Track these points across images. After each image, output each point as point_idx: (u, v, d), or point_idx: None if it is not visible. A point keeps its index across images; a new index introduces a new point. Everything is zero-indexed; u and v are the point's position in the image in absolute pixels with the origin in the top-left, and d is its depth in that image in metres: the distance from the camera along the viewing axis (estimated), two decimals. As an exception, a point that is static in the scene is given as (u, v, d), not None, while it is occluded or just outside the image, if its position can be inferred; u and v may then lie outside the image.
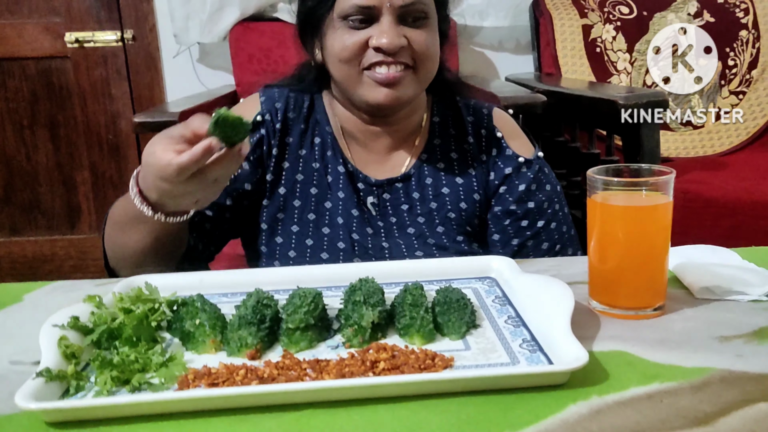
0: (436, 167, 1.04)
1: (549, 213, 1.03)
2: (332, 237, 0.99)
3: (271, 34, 2.30)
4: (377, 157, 1.04)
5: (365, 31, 0.93)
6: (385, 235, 1.00)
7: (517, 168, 1.03)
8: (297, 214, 1.00)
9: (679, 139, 2.23)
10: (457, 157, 1.04)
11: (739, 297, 0.72)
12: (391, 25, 0.92)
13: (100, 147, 2.56)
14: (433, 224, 1.01)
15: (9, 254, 2.65)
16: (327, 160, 1.02)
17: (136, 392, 0.55)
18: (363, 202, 1.01)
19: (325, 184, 1.01)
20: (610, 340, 0.63)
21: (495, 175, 1.03)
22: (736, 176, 1.90)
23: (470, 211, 1.02)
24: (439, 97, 1.08)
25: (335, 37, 0.94)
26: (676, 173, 0.69)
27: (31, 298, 0.80)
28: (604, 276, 0.71)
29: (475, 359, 0.60)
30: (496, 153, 1.04)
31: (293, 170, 1.02)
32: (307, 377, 0.57)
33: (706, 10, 2.27)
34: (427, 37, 0.94)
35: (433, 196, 1.02)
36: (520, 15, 2.41)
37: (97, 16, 2.47)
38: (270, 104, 1.03)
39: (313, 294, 0.67)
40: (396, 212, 1.02)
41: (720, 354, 0.60)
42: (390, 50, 0.91)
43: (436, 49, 0.97)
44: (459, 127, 1.05)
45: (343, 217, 1.00)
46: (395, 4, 0.91)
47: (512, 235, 1.02)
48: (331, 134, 1.03)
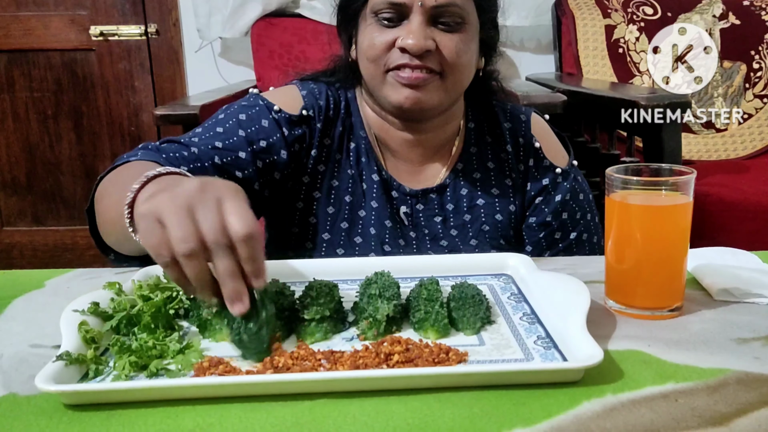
0: (472, 177, 1.00)
1: (582, 224, 1.01)
2: (364, 247, 0.97)
3: (292, 30, 2.31)
4: (411, 166, 1.00)
5: (394, 31, 0.89)
6: (417, 247, 0.98)
7: (554, 179, 1.00)
8: (330, 221, 0.97)
9: (701, 141, 2.21)
10: (494, 167, 1.01)
11: (758, 300, 0.71)
12: (421, 25, 0.87)
13: (122, 138, 2.60)
14: (467, 237, 0.99)
15: (31, 242, 2.69)
16: (362, 166, 0.98)
17: (154, 378, 0.56)
18: (396, 212, 0.98)
19: (359, 192, 0.98)
20: (626, 339, 0.63)
21: (532, 186, 1.00)
22: (758, 180, 1.88)
23: (505, 223, 1.00)
24: (474, 101, 1.03)
25: (365, 33, 0.92)
26: (696, 175, 0.68)
27: (53, 284, 0.81)
28: (621, 275, 0.71)
29: (489, 354, 0.60)
30: (534, 163, 1.00)
31: (330, 175, 0.98)
32: (322, 368, 0.57)
33: (731, 12, 2.24)
34: (458, 43, 0.89)
35: (467, 208, 0.99)
36: (542, 14, 2.40)
37: (122, 10, 2.50)
38: (312, 100, 0.97)
39: (329, 286, 0.68)
40: (429, 223, 0.99)
41: (737, 356, 0.59)
42: (415, 52, 0.87)
43: (468, 58, 0.92)
44: (495, 134, 1.02)
45: (375, 228, 0.97)
46: (427, 4, 0.87)
47: (545, 247, 1.00)
48: (365, 139, 0.99)
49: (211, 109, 1.73)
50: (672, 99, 1.55)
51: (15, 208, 2.66)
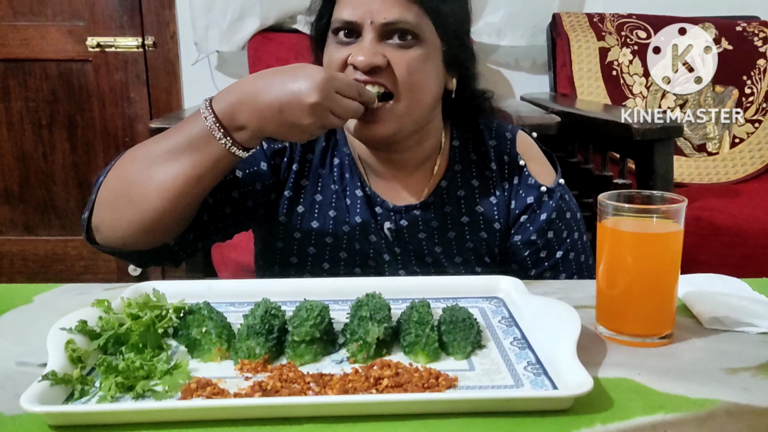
0: (456, 195, 1.00)
1: (568, 242, 1.00)
2: (349, 262, 0.97)
3: (289, 45, 2.32)
4: (394, 183, 1.00)
5: (349, 48, 0.89)
6: (402, 263, 0.98)
7: (539, 197, 0.99)
8: (314, 236, 0.99)
9: (693, 164, 2.22)
10: (478, 185, 1.01)
11: (748, 329, 0.71)
12: (371, 42, 0.87)
13: (116, 149, 2.59)
14: (452, 254, 0.99)
15: (22, 252, 2.67)
16: (345, 182, 0.99)
17: (140, 399, 0.56)
18: (380, 227, 0.99)
19: (343, 207, 0.99)
20: (616, 366, 0.63)
21: (516, 204, 1.00)
22: (749, 205, 1.89)
23: (490, 240, 1.00)
24: (458, 118, 1.03)
25: (327, 52, 0.93)
26: (688, 200, 0.68)
27: (41, 299, 0.80)
28: (612, 301, 0.71)
29: (479, 380, 0.60)
30: (519, 181, 1.00)
31: (312, 190, 0.99)
32: (311, 391, 0.57)
33: (724, 37, 2.27)
34: (411, 60, 0.87)
35: (452, 225, 0.99)
36: (537, 35, 2.43)
37: (120, 22, 2.50)
38: None
39: (319, 307, 0.68)
40: (413, 240, 0.99)
41: (727, 386, 0.59)
42: (363, 67, 0.86)
43: (424, 76, 0.90)
44: (481, 152, 1.01)
45: (360, 243, 0.98)
46: (377, 21, 0.86)
47: (530, 265, 1.00)
48: (349, 155, 1.00)
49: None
50: (664, 123, 1.56)
51: (7, 217, 2.65)
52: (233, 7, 2.34)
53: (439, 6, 0.90)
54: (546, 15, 2.39)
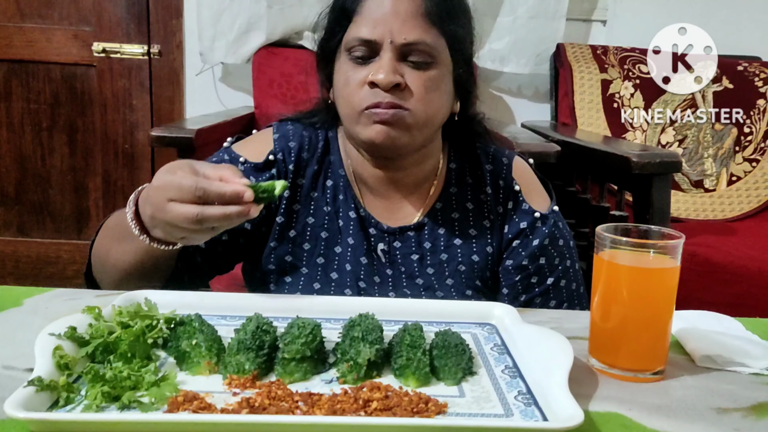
0: (450, 217, 1.00)
1: (560, 269, 1.00)
2: (340, 283, 0.97)
3: (294, 60, 2.34)
4: (389, 204, 1.00)
5: (367, 68, 0.90)
6: (393, 285, 0.98)
7: (532, 223, 1.00)
8: (306, 257, 0.98)
9: (690, 200, 2.23)
10: (472, 208, 1.01)
11: (740, 369, 0.71)
12: (390, 61, 0.88)
13: (115, 155, 2.59)
14: (443, 276, 0.98)
15: (14, 253, 2.66)
16: (339, 204, 0.99)
17: (125, 410, 0.55)
18: (373, 249, 0.98)
19: (335, 229, 0.98)
20: (607, 400, 0.63)
21: (509, 229, 1.00)
22: (745, 243, 1.90)
23: (482, 264, 1.00)
24: (456, 142, 1.04)
25: (340, 72, 0.93)
26: (685, 236, 0.69)
27: (31, 303, 0.80)
28: (605, 334, 0.70)
29: (468, 407, 0.60)
30: (513, 206, 1.01)
31: (305, 213, 0.99)
32: (299, 410, 0.56)
33: (725, 75, 2.29)
34: (427, 80, 0.90)
35: (444, 247, 0.99)
36: (541, 64, 2.45)
37: (127, 29, 2.51)
38: (283, 143, 0.99)
39: (312, 325, 0.67)
40: (405, 261, 0.99)
41: (717, 426, 0.59)
42: (384, 86, 0.87)
43: (438, 96, 0.92)
44: (476, 176, 1.02)
45: (351, 264, 0.97)
46: (396, 41, 0.88)
47: (521, 290, 1.00)
48: (344, 177, 1.00)
49: (207, 133, 1.74)
50: (663, 158, 1.57)
51: (0, 218, 2.64)
52: (240, 20, 2.36)
53: (455, 30, 0.92)
54: (550, 44, 2.41)
